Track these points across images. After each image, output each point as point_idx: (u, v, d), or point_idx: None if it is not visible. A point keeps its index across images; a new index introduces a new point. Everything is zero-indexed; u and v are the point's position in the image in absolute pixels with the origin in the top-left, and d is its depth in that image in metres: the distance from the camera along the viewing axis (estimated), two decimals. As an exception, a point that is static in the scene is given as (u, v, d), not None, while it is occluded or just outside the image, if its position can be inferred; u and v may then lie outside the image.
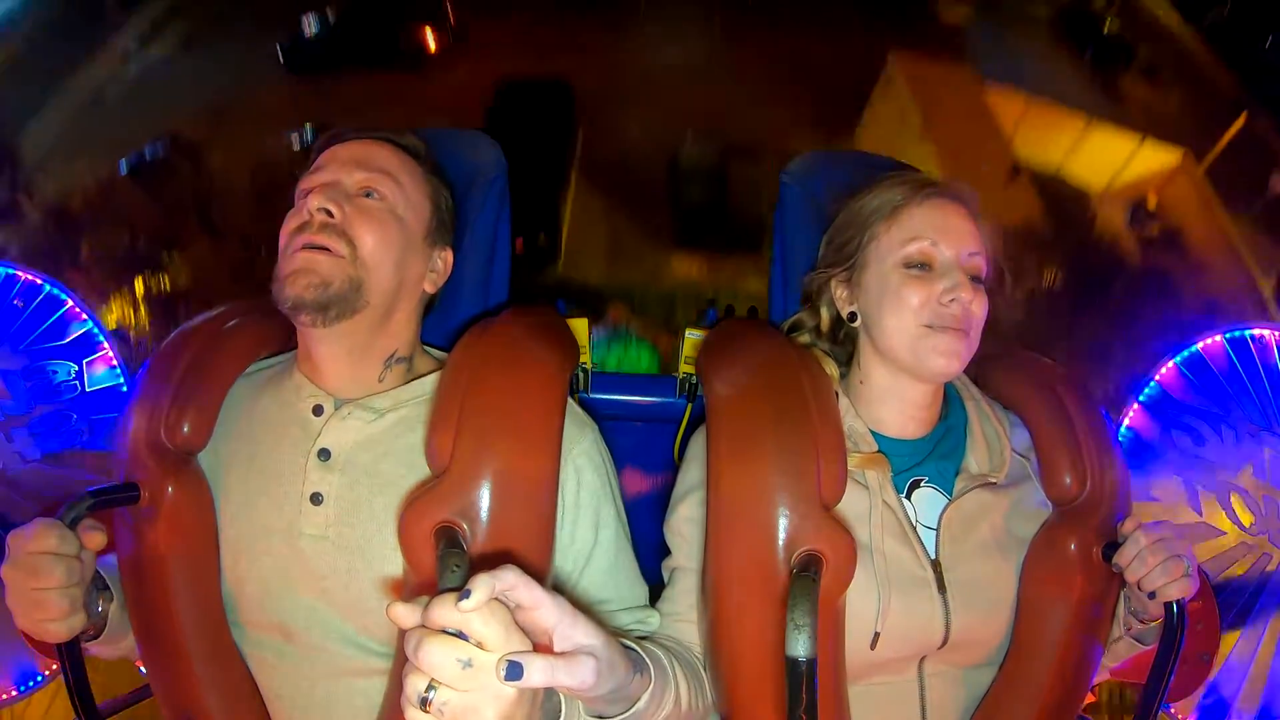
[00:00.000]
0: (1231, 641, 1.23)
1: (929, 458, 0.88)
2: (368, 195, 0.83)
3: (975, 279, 0.85)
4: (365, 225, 0.81)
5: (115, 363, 1.35)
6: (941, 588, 0.83)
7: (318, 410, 0.83)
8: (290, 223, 0.82)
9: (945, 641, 0.83)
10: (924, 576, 0.83)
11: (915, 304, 0.83)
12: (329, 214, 0.80)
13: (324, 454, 0.81)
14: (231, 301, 0.94)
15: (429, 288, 0.89)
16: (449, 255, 0.92)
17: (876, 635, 0.80)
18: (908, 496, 0.87)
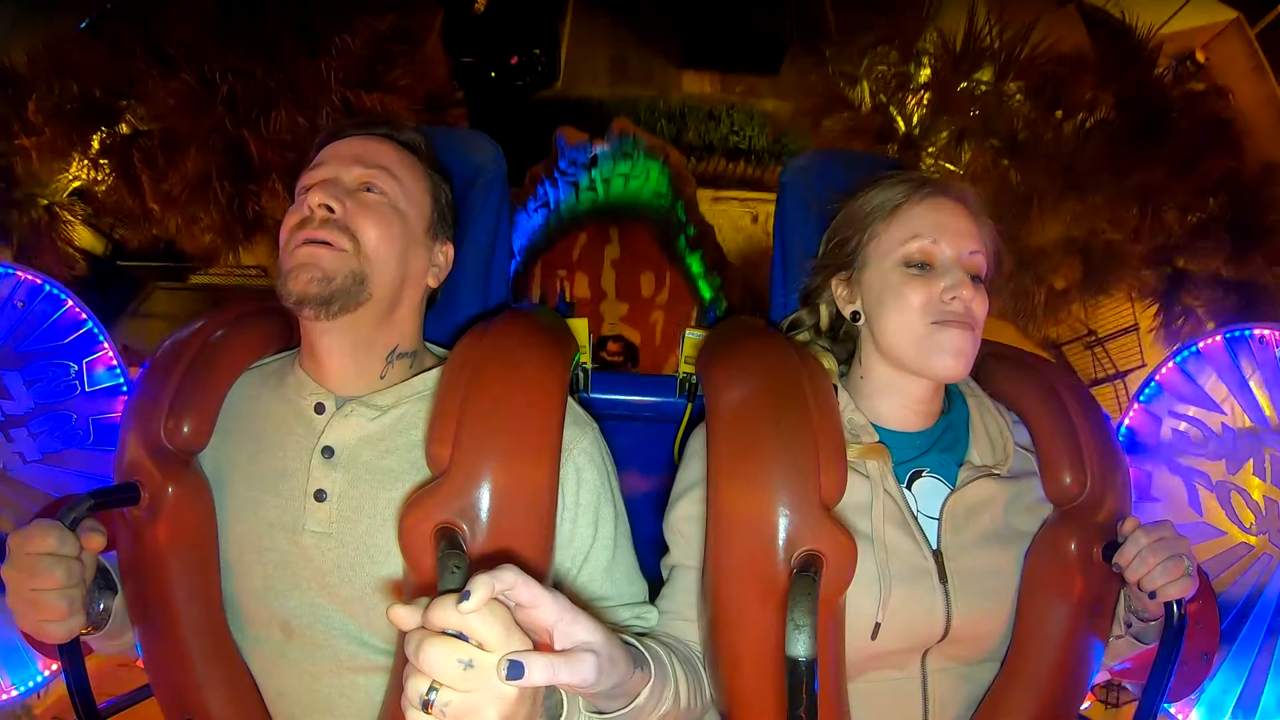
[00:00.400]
0: (1231, 641, 1.23)
1: (930, 450, 0.89)
2: (368, 190, 0.83)
3: (975, 277, 0.85)
4: (367, 220, 0.81)
5: (115, 363, 1.35)
6: (943, 578, 0.83)
7: (320, 408, 0.83)
8: (291, 219, 0.82)
9: (946, 633, 0.83)
10: (925, 566, 0.83)
11: (917, 303, 0.83)
12: (330, 210, 0.80)
13: (327, 451, 0.82)
14: (233, 302, 0.94)
15: (432, 282, 0.90)
16: (450, 250, 0.92)
17: (878, 625, 0.80)
18: (909, 486, 0.87)
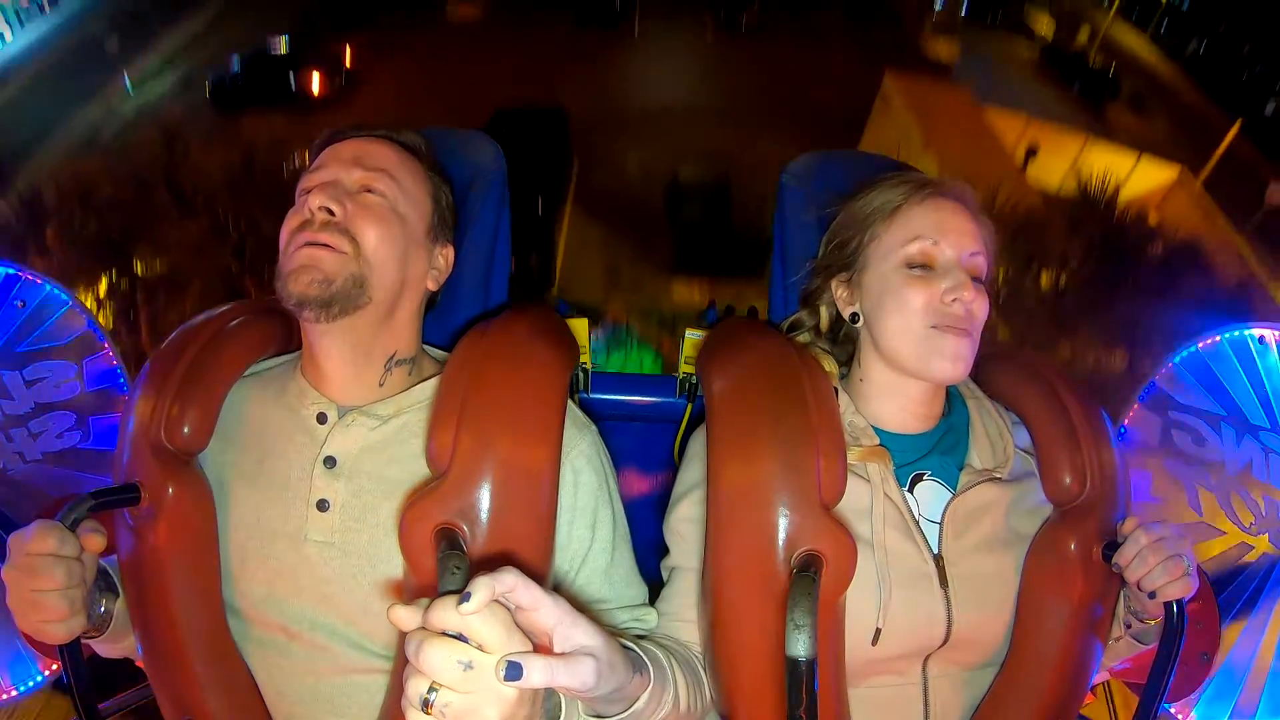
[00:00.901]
0: (1231, 641, 1.23)
1: (931, 453, 0.89)
2: (368, 192, 0.83)
3: (976, 279, 0.85)
4: (367, 222, 0.81)
5: (115, 363, 1.35)
6: (944, 582, 0.83)
7: (321, 418, 0.83)
8: (291, 221, 0.82)
9: (947, 638, 0.83)
10: (926, 571, 0.83)
11: (918, 305, 0.83)
12: (330, 212, 0.80)
13: (330, 461, 0.82)
14: (233, 303, 0.94)
15: (431, 285, 0.90)
16: (450, 252, 0.92)
17: (878, 631, 0.80)
18: (910, 490, 0.87)
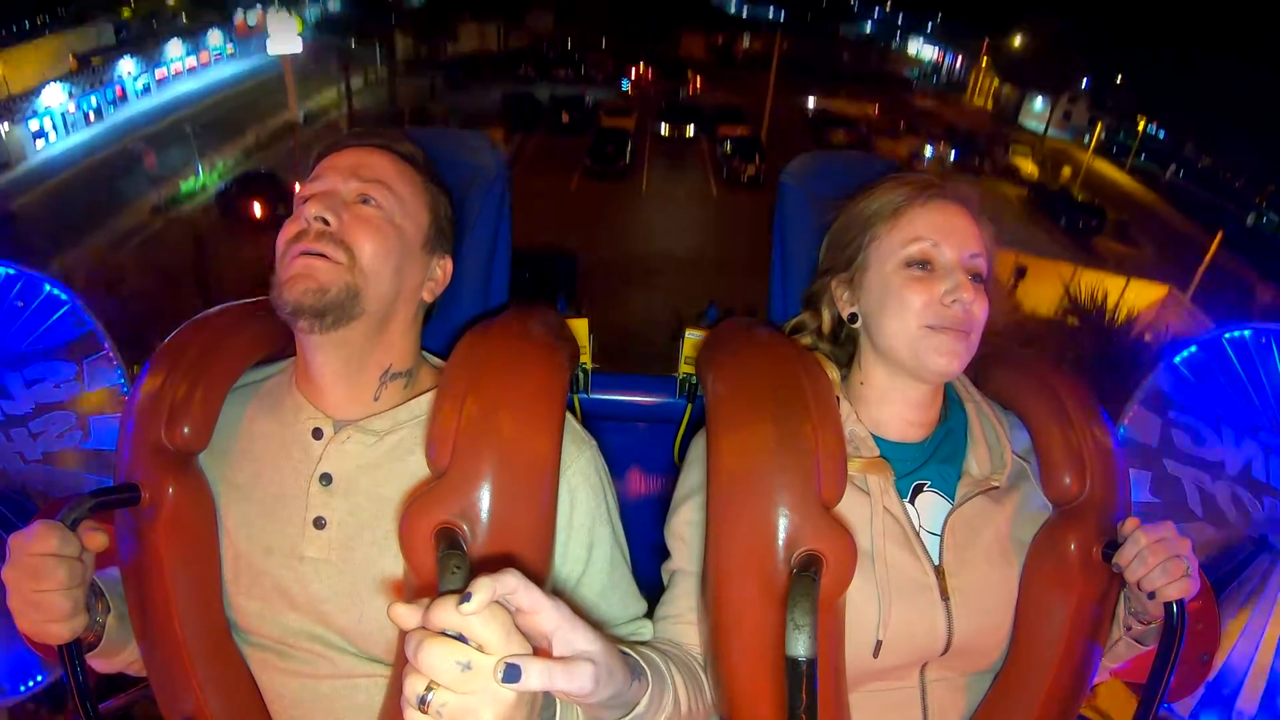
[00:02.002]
0: (1231, 641, 1.23)
1: (930, 461, 0.88)
2: (365, 203, 0.83)
3: (976, 279, 0.85)
4: (363, 233, 0.81)
5: (115, 363, 1.35)
6: (944, 595, 0.82)
7: (317, 433, 0.83)
8: (288, 230, 0.82)
9: (947, 648, 0.83)
10: (927, 583, 0.83)
11: (917, 305, 0.83)
12: (325, 222, 0.80)
13: (325, 478, 0.81)
14: (232, 303, 0.94)
15: (427, 296, 0.89)
16: (448, 264, 0.91)
17: (879, 643, 0.80)
18: (911, 501, 0.86)
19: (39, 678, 1.27)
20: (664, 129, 21.31)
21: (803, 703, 0.65)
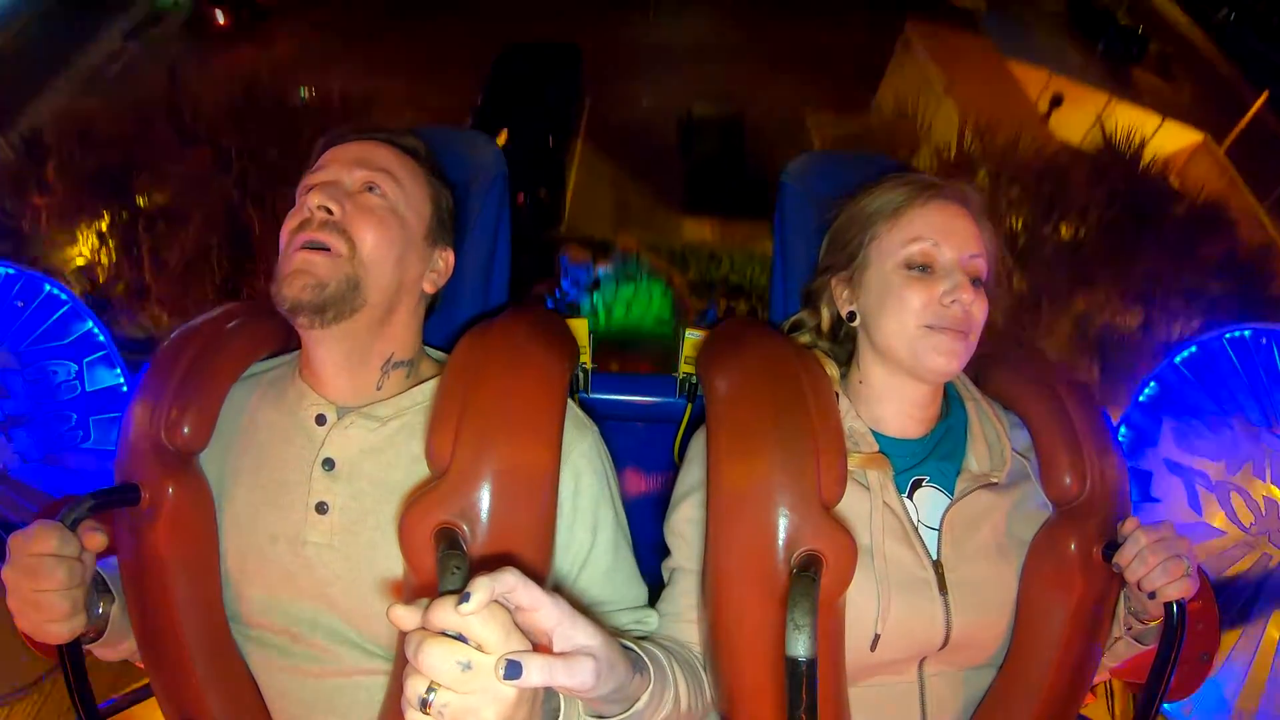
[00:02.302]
0: (1231, 641, 1.23)
1: (929, 457, 0.88)
2: (370, 191, 0.83)
3: (976, 280, 0.85)
4: (365, 223, 0.81)
5: (115, 363, 1.35)
6: (943, 589, 0.83)
7: (320, 419, 0.83)
8: (291, 221, 0.82)
9: (946, 643, 0.83)
10: (925, 578, 0.83)
11: (916, 305, 0.83)
12: (329, 211, 0.80)
13: (328, 464, 0.82)
14: (232, 303, 0.94)
15: (429, 288, 0.89)
16: (450, 255, 0.91)
17: (877, 637, 0.80)
18: (909, 496, 0.87)
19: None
20: None
21: (803, 702, 0.65)
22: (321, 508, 0.81)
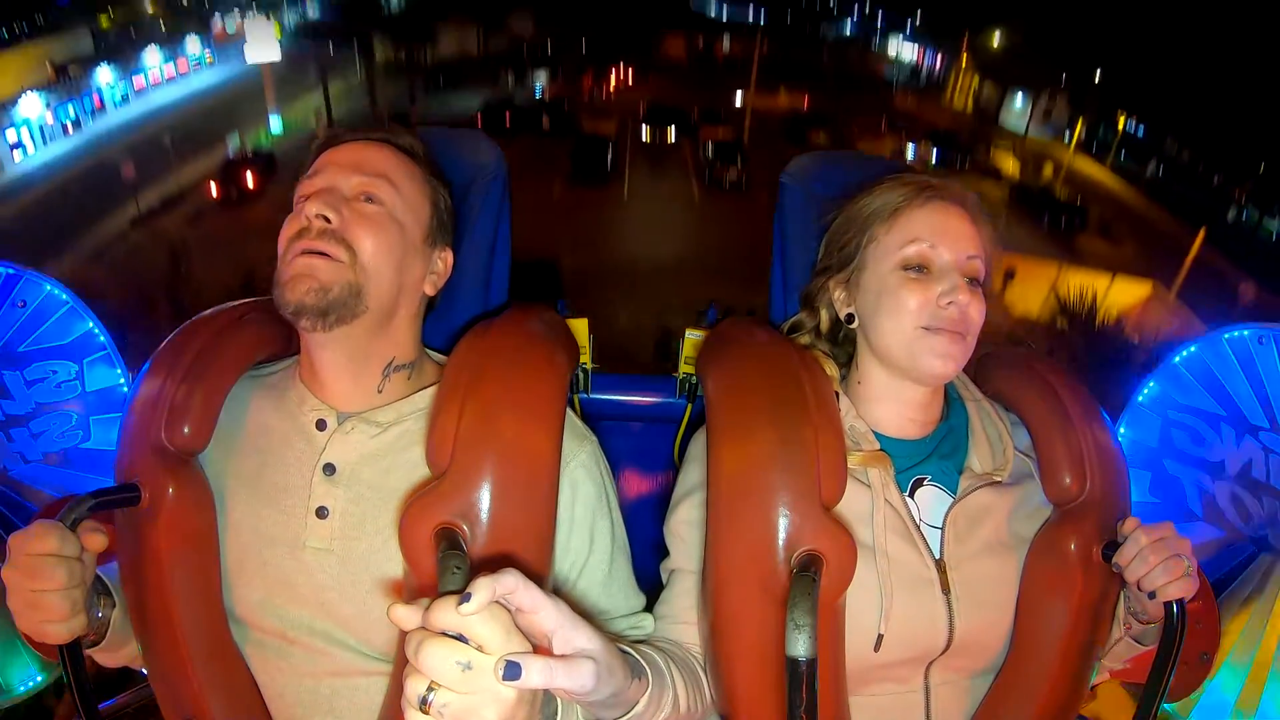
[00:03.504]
0: (1231, 641, 1.23)
1: (930, 457, 0.88)
2: (367, 199, 0.82)
3: (973, 281, 0.85)
4: (364, 230, 0.81)
5: (115, 363, 1.35)
6: (945, 587, 0.82)
7: (321, 424, 0.83)
8: (289, 228, 0.82)
9: (950, 644, 0.82)
10: (928, 576, 0.83)
11: (913, 306, 0.83)
12: (327, 220, 0.80)
13: (329, 469, 0.82)
14: (232, 303, 0.94)
15: (429, 290, 0.89)
16: (449, 256, 0.91)
17: (880, 637, 0.80)
18: (911, 495, 0.86)
19: (39, 678, 1.27)
20: (645, 133, 21.36)
21: (803, 702, 0.65)
22: (322, 512, 0.81)
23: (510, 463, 0.74)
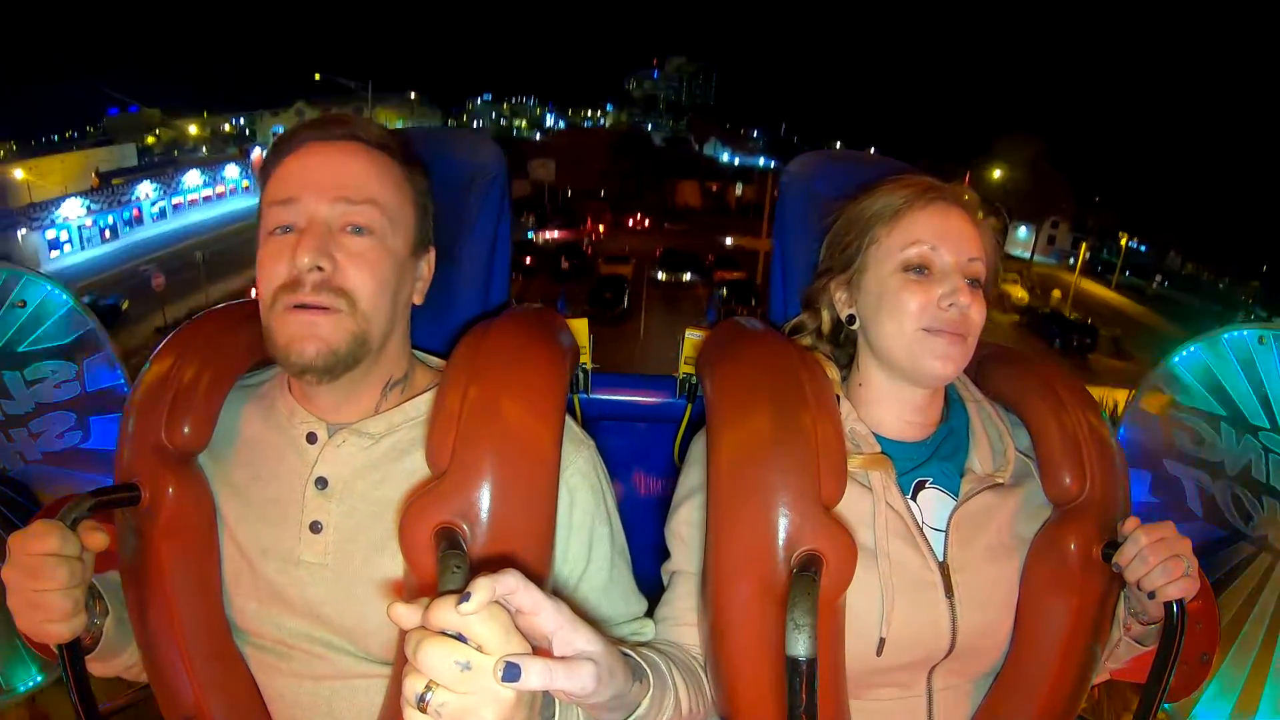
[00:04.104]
0: (1231, 641, 1.23)
1: (932, 459, 0.88)
2: (354, 230, 0.76)
3: (974, 283, 0.85)
4: (360, 273, 0.76)
5: (115, 363, 1.35)
6: (948, 591, 0.82)
7: (311, 437, 0.82)
8: (273, 273, 0.75)
9: (953, 647, 0.82)
10: (931, 580, 0.82)
11: (914, 308, 0.83)
12: (320, 268, 0.74)
13: (321, 482, 0.81)
14: (232, 303, 0.94)
15: (417, 299, 0.86)
16: (432, 255, 0.88)
17: (882, 640, 0.80)
18: (913, 498, 0.86)
19: (39, 678, 1.27)
20: (661, 275, 22.28)
21: (803, 703, 0.65)
22: (315, 527, 0.80)
23: (510, 463, 0.73)
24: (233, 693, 0.83)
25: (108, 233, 20.49)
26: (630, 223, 30.04)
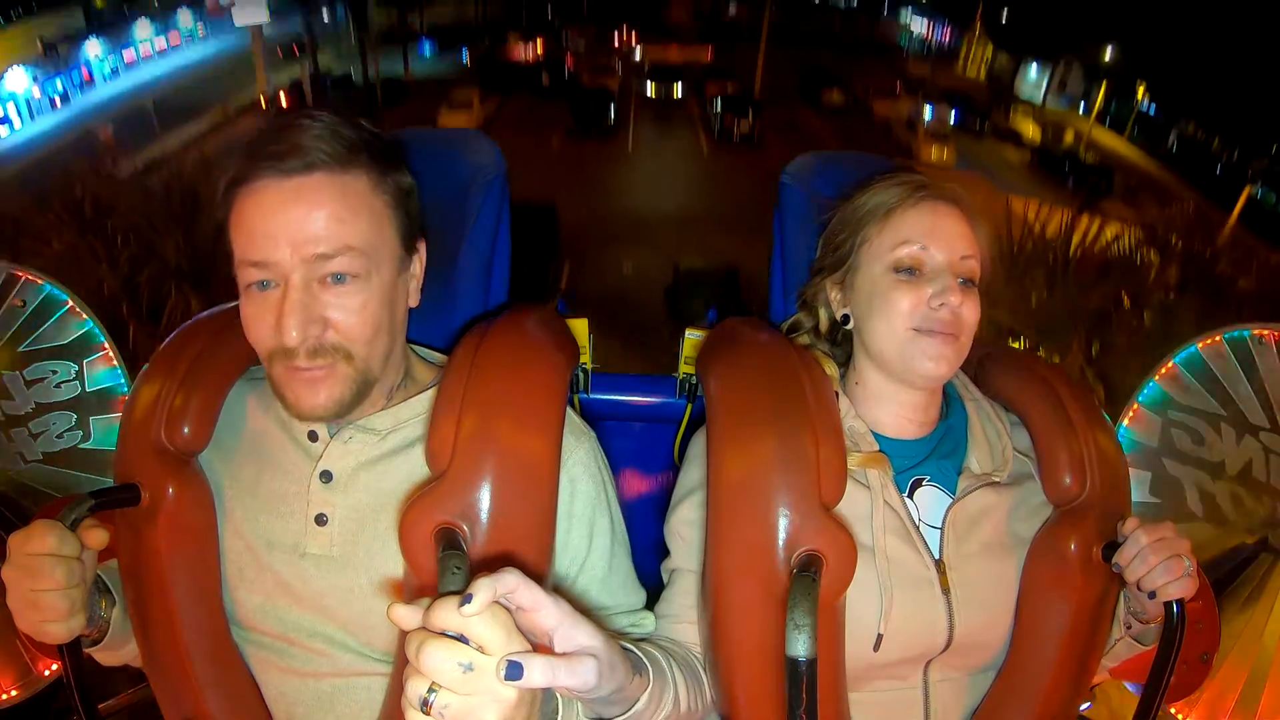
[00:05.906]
0: (1231, 642, 1.23)
1: (930, 457, 0.88)
2: (336, 280, 0.73)
3: (967, 281, 0.85)
4: (351, 324, 0.74)
5: (115, 363, 1.35)
6: (945, 588, 0.82)
7: (312, 436, 0.83)
8: (260, 333, 0.73)
9: (949, 643, 0.83)
10: (928, 577, 0.83)
11: (904, 308, 0.83)
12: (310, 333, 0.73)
13: (325, 476, 0.81)
14: (232, 303, 0.94)
15: (413, 302, 0.84)
16: (423, 248, 0.85)
17: (880, 637, 0.80)
18: (910, 496, 0.87)
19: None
20: (650, 89, 21.04)
21: (803, 702, 0.65)
22: (321, 519, 0.80)
23: (510, 463, 0.74)
24: (233, 692, 0.83)
25: (58, 100, 19.32)
26: (615, 43, 28.34)
